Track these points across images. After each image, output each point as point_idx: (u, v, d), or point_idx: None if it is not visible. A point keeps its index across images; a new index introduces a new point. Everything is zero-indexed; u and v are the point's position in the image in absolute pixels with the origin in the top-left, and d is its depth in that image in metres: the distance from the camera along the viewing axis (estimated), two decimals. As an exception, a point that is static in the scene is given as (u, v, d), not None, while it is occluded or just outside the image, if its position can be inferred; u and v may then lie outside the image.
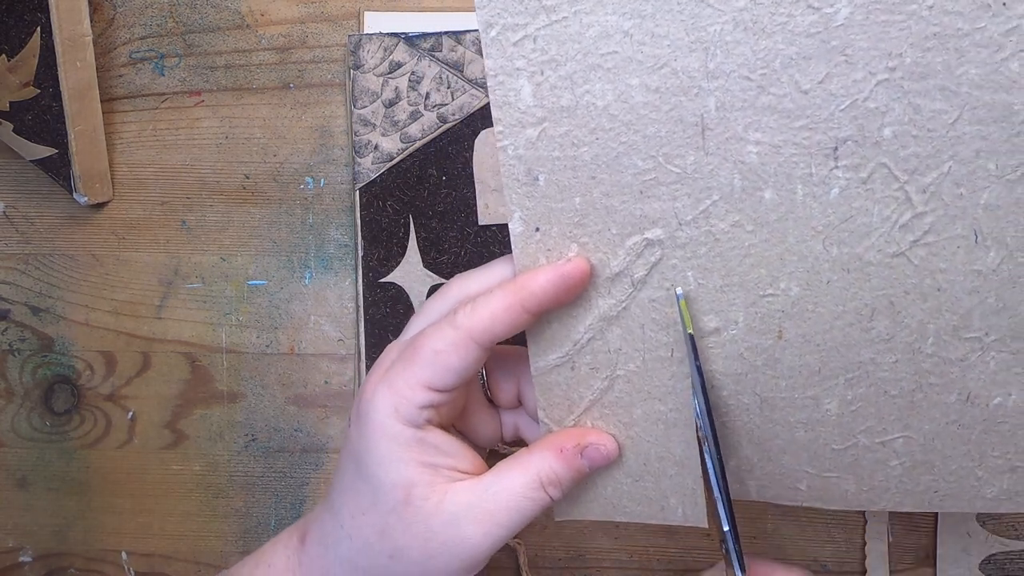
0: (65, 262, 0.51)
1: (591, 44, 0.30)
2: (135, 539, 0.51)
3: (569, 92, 0.30)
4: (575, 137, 0.31)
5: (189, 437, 0.50)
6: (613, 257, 0.32)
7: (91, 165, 0.49)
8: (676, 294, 0.32)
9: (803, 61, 0.29)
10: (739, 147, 0.30)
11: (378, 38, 0.49)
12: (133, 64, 0.51)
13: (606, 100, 0.30)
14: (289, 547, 0.35)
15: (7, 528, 0.51)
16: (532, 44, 0.30)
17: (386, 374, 0.33)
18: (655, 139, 0.30)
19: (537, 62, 0.30)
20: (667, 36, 0.29)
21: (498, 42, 0.30)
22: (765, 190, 0.30)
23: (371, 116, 0.49)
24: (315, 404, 0.50)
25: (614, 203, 0.31)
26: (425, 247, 0.49)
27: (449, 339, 0.31)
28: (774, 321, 0.32)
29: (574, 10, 0.29)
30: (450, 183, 0.49)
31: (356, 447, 0.33)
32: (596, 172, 0.31)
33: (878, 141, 0.29)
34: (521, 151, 0.31)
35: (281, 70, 0.50)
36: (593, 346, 0.33)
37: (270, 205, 0.50)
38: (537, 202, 0.32)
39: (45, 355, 0.51)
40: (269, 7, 0.50)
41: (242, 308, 0.50)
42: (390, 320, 0.48)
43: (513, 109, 0.31)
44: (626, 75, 0.30)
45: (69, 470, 0.51)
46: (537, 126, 0.31)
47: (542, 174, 0.31)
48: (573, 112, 0.30)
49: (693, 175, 0.30)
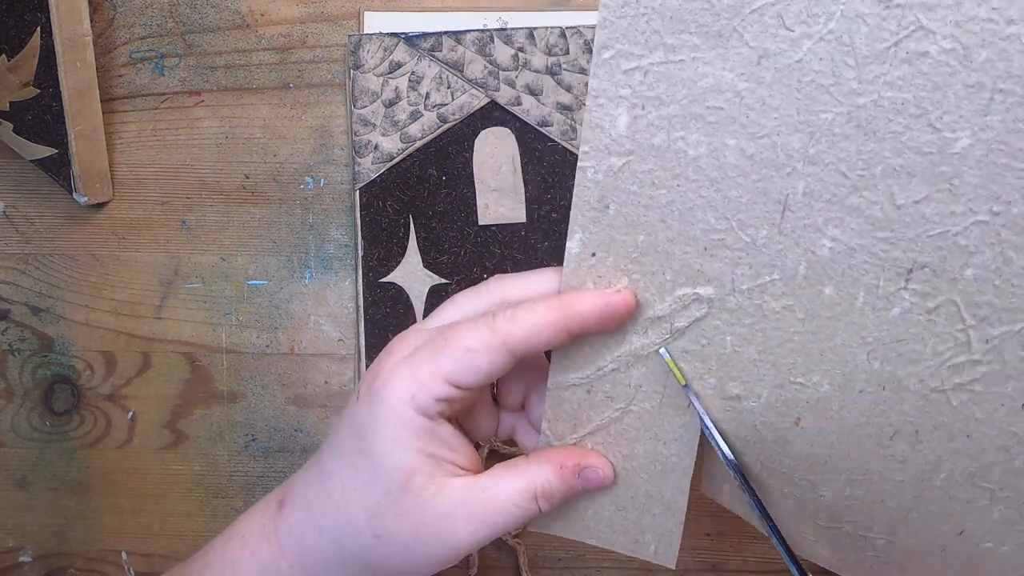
0: (65, 262, 0.51)
1: (699, 93, 0.29)
2: (135, 539, 0.51)
3: (664, 133, 0.30)
4: (657, 178, 0.30)
5: (189, 437, 0.50)
6: (659, 301, 0.32)
7: (91, 165, 0.49)
8: (661, 353, 0.32)
9: (905, 176, 0.28)
10: (814, 237, 0.29)
11: (378, 38, 0.49)
12: (133, 64, 0.51)
13: (698, 151, 0.30)
14: (266, 515, 0.35)
15: (7, 528, 0.51)
16: (641, 77, 0.29)
17: (409, 358, 0.32)
18: (734, 203, 0.30)
19: (641, 95, 0.30)
20: (777, 109, 0.29)
21: (608, 65, 0.30)
22: (827, 286, 0.30)
23: (371, 116, 0.49)
24: (315, 404, 0.50)
25: (676, 250, 0.31)
26: (425, 247, 0.49)
27: (484, 340, 0.31)
28: (796, 408, 0.32)
29: (693, 56, 0.29)
30: (450, 183, 0.49)
31: (362, 422, 0.32)
32: (667, 217, 0.31)
33: (956, 278, 0.28)
34: (600, 176, 0.31)
35: (281, 70, 0.50)
36: (615, 376, 0.33)
37: (270, 205, 0.50)
38: (601, 229, 0.32)
39: (45, 355, 0.51)
40: (269, 7, 0.50)
41: (242, 308, 0.50)
42: (390, 320, 0.48)
43: (604, 134, 0.30)
44: (725, 133, 0.29)
45: (69, 470, 0.51)
46: (623, 157, 0.30)
47: (614, 204, 0.31)
48: (662, 153, 0.30)
49: (761, 249, 0.30)
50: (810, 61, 0.28)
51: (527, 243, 0.49)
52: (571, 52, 0.49)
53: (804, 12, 0.28)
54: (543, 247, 0.49)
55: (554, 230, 0.49)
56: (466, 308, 0.34)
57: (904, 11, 0.27)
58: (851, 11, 0.27)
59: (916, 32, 0.27)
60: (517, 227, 0.49)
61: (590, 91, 0.30)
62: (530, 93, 0.49)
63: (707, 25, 0.28)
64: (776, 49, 0.28)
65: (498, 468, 0.33)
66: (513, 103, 0.49)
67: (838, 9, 0.27)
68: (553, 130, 0.49)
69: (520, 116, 0.49)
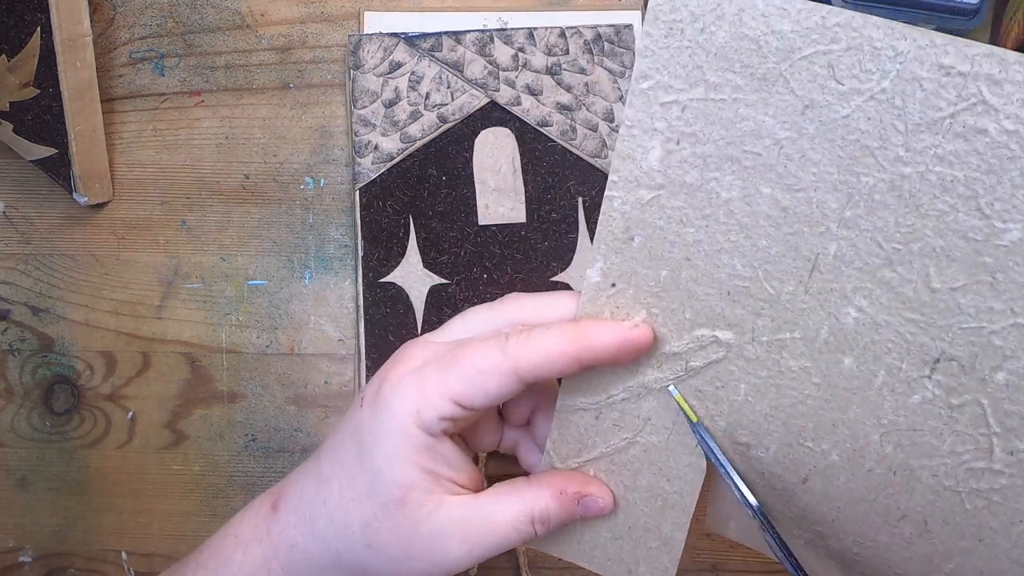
0: (65, 262, 0.51)
1: (738, 136, 0.28)
2: (135, 539, 0.51)
3: (697, 171, 0.29)
4: (686, 215, 0.29)
5: (189, 437, 0.50)
6: (677, 339, 0.31)
7: (91, 165, 0.49)
8: (671, 390, 0.31)
9: (945, 259, 0.27)
10: (840, 304, 0.28)
11: (378, 38, 0.49)
12: (133, 64, 0.51)
13: (731, 194, 0.29)
14: (259, 515, 0.35)
15: (7, 528, 0.51)
16: (679, 112, 0.28)
17: (418, 371, 0.32)
18: (763, 252, 0.29)
19: (677, 130, 0.29)
20: (817, 164, 0.27)
21: (646, 96, 0.28)
22: (847, 356, 0.29)
23: (371, 116, 0.49)
24: (315, 404, 0.50)
25: (698, 290, 0.30)
26: (425, 247, 0.49)
27: (494, 363, 0.30)
28: (804, 468, 0.31)
29: (734, 97, 0.28)
30: (450, 183, 0.49)
31: (364, 431, 0.32)
32: (693, 256, 0.30)
33: (986, 379, 0.27)
34: (627, 208, 0.30)
35: (281, 70, 0.50)
36: (624, 406, 0.33)
37: (270, 205, 0.50)
38: (624, 260, 0.31)
39: (45, 355, 0.51)
40: (269, 7, 0.50)
41: (242, 308, 0.50)
42: (390, 320, 0.48)
43: (635, 166, 0.29)
44: (761, 181, 0.28)
45: (69, 470, 0.51)
46: (653, 190, 0.29)
47: (639, 237, 0.30)
48: (694, 192, 0.29)
49: (784, 303, 0.29)
50: (857, 119, 0.27)
51: (527, 243, 0.49)
52: (571, 52, 0.49)
53: (857, 66, 0.26)
54: (543, 247, 0.49)
55: (554, 230, 0.49)
56: (479, 324, 0.34)
57: (966, 81, 0.25)
58: (908, 72, 0.25)
59: (977, 106, 0.25)
60: (517, 227, 0.49)
61: (624, 120, 0.29)
62: (530, 93, 0.49)
63: (753, 67, 0.27)
64: (823, 101, 0.27)
65: (497, 488, 0.33)
66: (513, 103, 0.49)
67: (894, 68, 0.26)
68: (553, 130, 0.49)
69: (520, 116, 0.49)
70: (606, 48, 0.49)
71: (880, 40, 0.26)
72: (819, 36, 0.26)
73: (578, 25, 0.49)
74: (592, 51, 0.49)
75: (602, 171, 0.49)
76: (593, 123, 0.49)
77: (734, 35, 0.27)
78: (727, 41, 0.27)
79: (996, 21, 0.50)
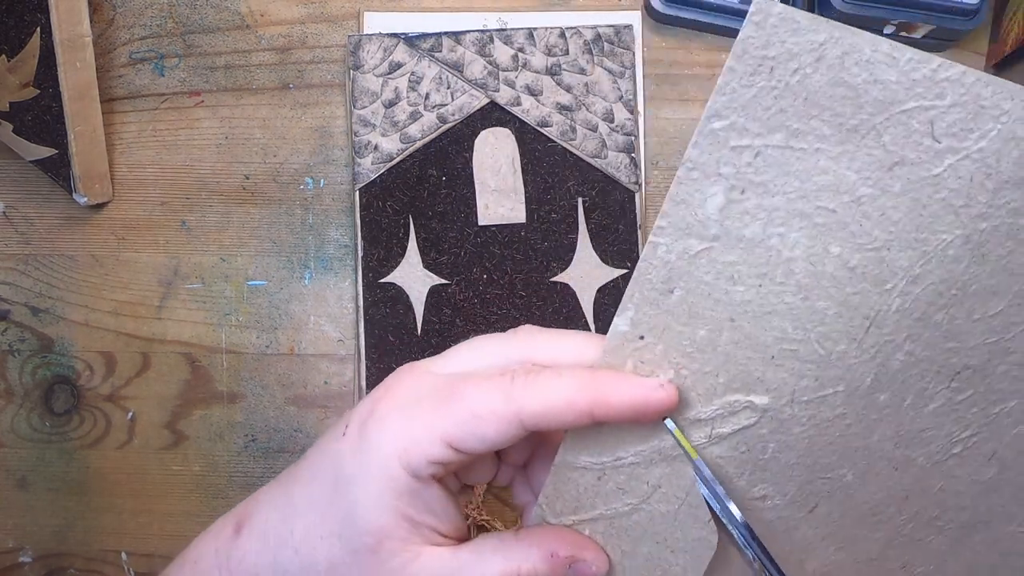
0: (65, 262, 0.51)
1: (813, 190, 0.26)
2: (135, 539, 0.51)
3: (760, 225, 0.27)
4: (738, 272, 0.27)
5: (189, 437, 0.50)
6: (705, 404, 0.29)
7: (91, 165, 0.49)
8: (667, 423, 0.29)
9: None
10: (891, 351, 0.27)
11: (378, 38, 0.49)
12: (133, 64, 0.51)
13: (794, 253, 0.27)
14: (220, 538, 0.32)
15: (7, 528, 0.51)
16: (751, 158, 0.26)
17: (410, 406, 0.29)
18: (818, 314, 0.27)
19: (745, 178, 0.26)
20: (897, 224, 0.26)
21: (716, 136, 0.26)
22: (884, 393, 0.28)
23: (371, 116, 0.49)
24: (315, 404, 0.50)
25: (738, 354, 0.28)
26: (425, 247, 0.49)
27: (494, 407, 0.27)
28: (815, 498, 0.30)
29: (817, 147, 0.26)
30: (450, 183, 0.49)
31: (344, 464, 0.29)
32: (738, 317, 0.28)
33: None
34: (672, 257, 0.27)
35: (281, 70, 0.50)
36: (633, 470, 0.30)
37: (270, 205, 0.50)
38: (659, 313, 0.28)
39: (45, 355, 0.51)
40: (269, 7, 0.50)
41: (242, 308, 0.50)
42: (390, 320, 0.48)
43: (690, 212, 0.27)
44: (831, 239, 0.26)
45: (69, 470, 0.51)
46: (705, 241, 0.27)
47: (681, 290, 0.28)
48: (752, 247, 0.27)
49: (833, 362, 0.28)
50: (947, 178, 0.25)
51: (527, 243, 0.49)
52: (571, 52, 0.49)
53: (958, 124, 0.25)
54: (543, 247, 0.49)
55: (554, 230, 0.49)
56: (485, 357, 0.31)
57: None
58: (1008, 132, 0.25)
59: None
60: (517, 227, 0.49)
61: (685, 160, 0.26)
62: (530, 93, 0.49)
63: (844, 116, 0.25)
64: (915, 158, 0.25)
65: (481, 543, 0.31)
66: (513, 103, 0.49)
67: (996, 128, 0.25)
68: (553, 130, 0.49)
69: (520, 116, 0.49)
70: (606, 48, 0.49)
71: (988, 99, 0.25)
72: (924, 90, 0.25)
73: (578, 25, 0.49)
74: (592, 51, 0.49)
75: (601, 171, 0.49)
76: (593, 123, 0.49)
77: (831, 80, 0.25)
78: (822, 86, 0.25)
79: (996, 21, 0.50)
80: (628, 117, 0.49)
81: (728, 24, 0.49)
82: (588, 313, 0.48)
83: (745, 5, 0.48)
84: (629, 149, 0.49)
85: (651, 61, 0.51)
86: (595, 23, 0.49)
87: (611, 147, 0.49)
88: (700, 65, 0.51)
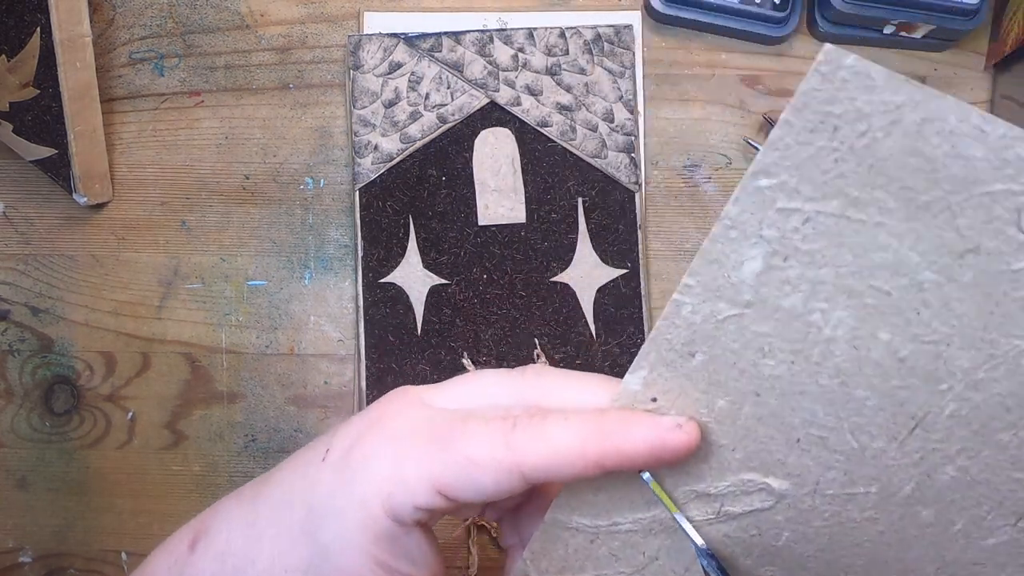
0: (65, 262, 0.51)
1: (868, 267, 0.23)
2: (135, 539, 0.51)
3: (801, 299, 0.24)
4: (770, 345, 0.25)
5: (189, 437, 0.50)
6: (717, 479, 0.26)
7: (91, 165, 0.49)
8: (643, 477, 0.27)
9: None
10: (938, 463, 0.25)
11: (378, 38, 0.49)
12: (133, 64, 0.51)
13: (836, 333, 0.24)
14: (174, 555, 0.29)
15: (7, 528, 0.51)
16: (799, 223, 0.23)
17: (401, 442, 0.26)
18: (855, 404, 0.25)
19: (790, 245, 0.23)
20: (961, 318, 0.23)
21: (761, 195, 0.23)
22: (927, 509, 0.25)
23: (371, 116, 0.49)
24: (315, 404, 0.50)
25: (759, 431, 0.26)
26: (425, 247, 0.49)
27: (493, 455, 0.25)
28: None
29: (878, 221, 0.22)
30: (450, 183, 0.49)
31: (321, 495, 0.27)
32: (764, 392, 0.25)
33: None
34: (698, 319, 0.25)
35: (281, 70, 0.50)
36: (629, 537, 0.28)
37: (270, 205, 0.50)
38: (675, 376, 0.26)
39: (45, 355, 0.51)
40: (269, 7, 0.50)
41: (242, 308, 0.50)
42: (390, 320, 0.48)
43: (722, 274, 0.24)
44: (881, 324, 0.24)
45: (69, 470, 0.51)
46: (736, 307, 0.24)
47: (703, 355, 0.25)
48: (788, 321, 0.24)
49: (868, 459, 0.25)
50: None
51: (527, 243, 0.49)
52: (571, 52, 0.49)
53: None
54: (543, 247, 0.49)
55: (554, 230, 0.49)
56: (486, 394, 0.28)
57: None
58: None
59: None
60: (517, 227, 0.49)
61: (723, 217, 0.23)
62: (530, 93, 0.49)
63: (915, 190, 0.22)
64: (993, 248, 0.22)
65: None
66: (513, 103, 0.49)
67: None
68: (553, 130, 0.49)
69: (520, 116, 0.49)
70: (606, 48, 0.49)
71: None
72: (1016, 172, 0.21)
73: (578, 25, 0.49)
74: (592, 51, 0.49)
75: (601, 171, 0.49)
76: (593, 123, 0.49)
77: (904, 149, 0.22)
78: (893, 154, 0.22)
79: (996, 21, 0.50)
80: (628, 117, 0.49)
81: (728, 24, 0.49)
82: (588, 313, 0.48)
83: (745, 5, 0.48)
84: (629, 149, 0.49)
85: (651, 61, 0.51)
86: (595, 23, 0.49)
87: (611, 147, 0.49)
88: (700, 65, 0.51)
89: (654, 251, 0.50)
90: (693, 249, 0.50)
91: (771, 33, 0.49)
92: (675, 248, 0.50)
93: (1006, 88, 0.49)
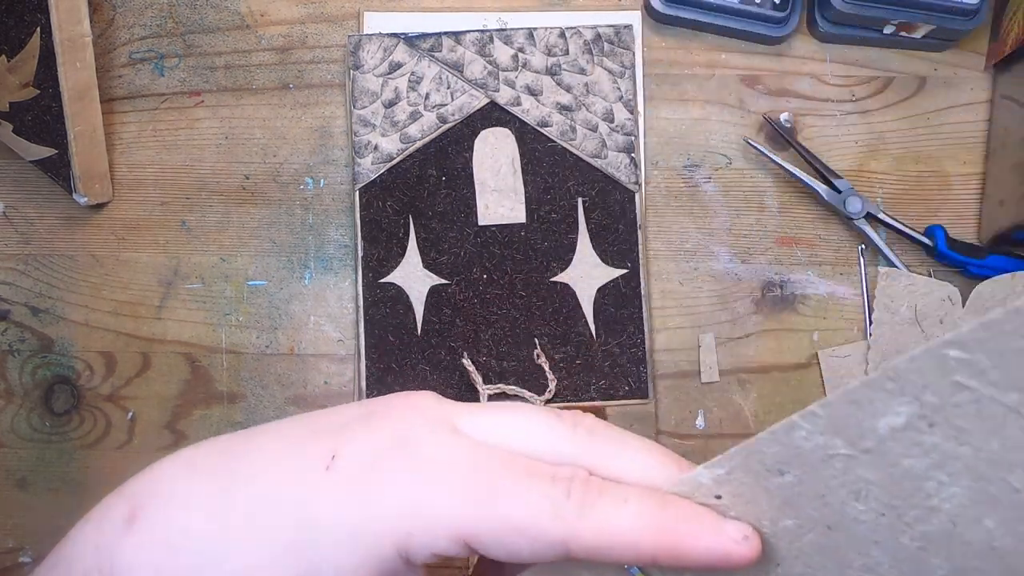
0: (65, 262, 0.51)
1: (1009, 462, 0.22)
2: (135, 539, 0.51)
3: (926, 464, 0.23)
4: (868, 492, 0.24)
5: (189, 437, 0.50)
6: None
7: (91, 165, 0.49)
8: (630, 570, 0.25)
9: None
10: None
11: (378, 38, 0.49)
12: (133, 64, 0.51)
13: (943, 505, 0.23)
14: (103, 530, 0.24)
15: (7, 528, 0.51)
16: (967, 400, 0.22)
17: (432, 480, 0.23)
18: (926, 568, 0.24)
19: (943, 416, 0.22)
20: None
21: (944, 363, 0.22)
22: None
23: (371, 116, 0.49)
24: (315, 404, 0.50)
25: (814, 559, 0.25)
26: (425, 247, 0.49)
27: (539, 524, 0.22)
28: None
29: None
30: (450, 183, 0.49)
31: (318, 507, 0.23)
32: (838, 527, 0.24)
33: None
34: (807, 446, 0.24)
35: (281, 70, 0.50)
36: None
37: (270, 205, 0.50)
38: (754, 486, 0.25)
39: (45, 355, 0.51)
40: (269, 7, 0.50)
41: (242, 308, 0.50)
42: (390, 320, 0.48)
43: (856, 415, 0.23)
44: (992, 513, 0.23)
45: (69, 470, 0.51)
46: (853, 449, 0.24)
47: (792, 477, 0.24)
48: (901, 478, 0.23)
49: None
50: None
51: (527, 243, 0.49)
52: (571, 52, 0.49)
53: None
54: (543, 247, 0.49)
55: (554, 230, 0.49)
56: (530, 436, 0.25)
57: None
58: None
59: None
60: (517, 227, 0.49)
61: (889, 369, 0.22)
62: (530, 93, 0.49)
63: None
64: None
65: None
66: (513, 103, 0.49)
67: None
68: (553, 130, 0.49)
69: (520, 116, 0.49)
70: (606, 48, 0.49)
71: None
72: None
73: (578, 25, 0.49)
74: (592, 51, 0.49)
75: (601, 171, 0.49)
76: (593, 123, 0.49)
77: None
78: None
79: (996, 21, 0.50)
80: (628, 117, 0.49)
81: (728, 24, 0.49)
82: (588, 313, 0.48)
83: (745, 5, 0.48)
84: (629, 149, 0.49)
85: (651, 61, 0.51)
86: (595, 23, 0.49)
87: (611, 147, 0.49)
88: (700, 65, 0.51)
89: (654, 251, 0.50)
90: (693, 249, 0.50)
91: (771, 33, 0.49)
92: (675, 248, 0.50)
93: (1006, 88, 0.49)
